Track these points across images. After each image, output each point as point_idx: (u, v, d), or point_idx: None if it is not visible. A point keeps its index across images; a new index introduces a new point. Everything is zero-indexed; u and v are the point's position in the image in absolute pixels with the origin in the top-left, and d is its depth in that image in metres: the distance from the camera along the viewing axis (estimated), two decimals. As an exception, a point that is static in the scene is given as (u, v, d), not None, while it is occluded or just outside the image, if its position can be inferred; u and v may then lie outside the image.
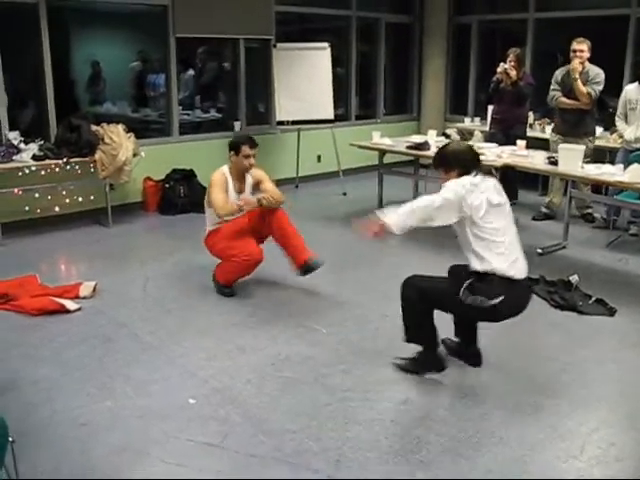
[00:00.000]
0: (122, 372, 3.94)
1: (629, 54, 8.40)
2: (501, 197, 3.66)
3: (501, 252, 3.53)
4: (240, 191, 5.14)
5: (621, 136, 6.84)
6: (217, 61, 9.80)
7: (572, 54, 6.77)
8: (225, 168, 5.14)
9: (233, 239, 4.99)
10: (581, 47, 6.72)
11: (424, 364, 3.86)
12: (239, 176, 5.13)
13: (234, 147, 5.04)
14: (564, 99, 6.91)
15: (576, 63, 6.70)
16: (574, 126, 6.90)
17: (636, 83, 6.59)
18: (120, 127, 7.06)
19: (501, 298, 3.45)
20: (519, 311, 3.67)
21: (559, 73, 7.05)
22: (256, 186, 5.21)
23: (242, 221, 5.07)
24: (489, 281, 3.51)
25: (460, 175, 3.64)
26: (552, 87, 7.07)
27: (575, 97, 6.80)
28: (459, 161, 3.69)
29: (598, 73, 6.78)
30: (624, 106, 6.65)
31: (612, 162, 6.47)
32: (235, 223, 5.05)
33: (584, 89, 6.72)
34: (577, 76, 6.72)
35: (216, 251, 5.14)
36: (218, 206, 4.93)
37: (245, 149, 4.98)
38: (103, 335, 4.43)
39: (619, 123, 6.72)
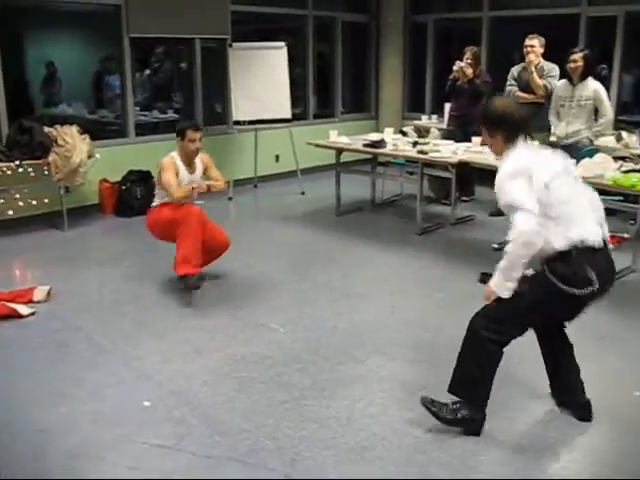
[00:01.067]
0: (77, 376, 3.89)
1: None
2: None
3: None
4: (192, 172, 5.27)
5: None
6: (173, 61, 9.73)
7: (524, 50, 6.94)
8: (174, 153, 5.24)
9: (172, 214, 5.07)
10: (532, 42, 6.92)
11: (463, 422, 3.29)
12: (188, 160, 5.24)
13: (179, 132, 5.19)
14: (521, 93, 7.03)
15: (532, 57, 6.84)
16: (529, 120, 6.99)
17: (564, 80, 6.70)
18: (74, 128, 6.96)
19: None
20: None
21: (515, 69, 7.18)
22: (204, 171, 5.38)
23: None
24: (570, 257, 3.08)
25: (506, 139, 3.27)
26: (508, 83, 7.19)
27: (531, 91, 6.92)
28: (507, 122, 3.28)
29: (553, 67, 6.94)
30: (555, 102, 6.76)
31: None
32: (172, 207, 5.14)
33: (540, 82, 6.85)
34: (533, 69, 6.86)
35: (158, 231, 5.25)
36: (173, 189, 5.02)
37: (190, 133, 5.13)
38: (57, 340, 4.37)
39: (552, 119, 6.83)
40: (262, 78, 8.53)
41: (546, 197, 3.09)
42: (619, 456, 3.16)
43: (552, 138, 6.90)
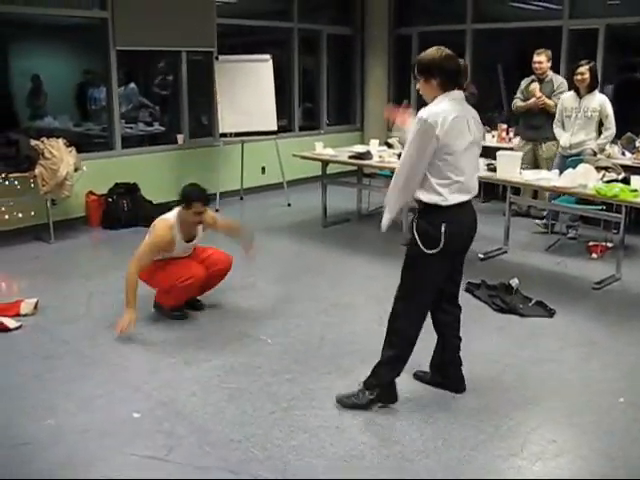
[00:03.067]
0: (64, 389, 3.88)
1: (562, 64, 8.63)
2: None
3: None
4: (189, 239, 4.89)
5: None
6: (159, 74, 9.74)
7: (533, 66, 7.22)
8: (173, 219, 4.76)
9: (171, 266, 4.79)
10: (540, 58, 7.19)
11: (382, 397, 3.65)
12: (190, 228, 4.85)
13: (186, 200, 4.69)
14: (521, 103, 7.39)
15: (536, 91, 7.21)
16: (537, 130, 7.33)
17: (571, 92, 6.80)
18: (61, 141, 6.96)
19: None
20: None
21: (524, 82, 7.50)
22: (209, 227, 5.03)
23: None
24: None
25: (442, 85, 3.44)
26: (516, 95, 7.53)
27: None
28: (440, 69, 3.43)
29: (562, 82, 7.24)
30: (560, 113, 6.87)
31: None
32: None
33: (552, 102, 7.16)
34: (538, 94, 7.22)
35: (156, 283, 4.91)
36: (134, 264, 4.67)
37: (197, 206, 4.67)
38: (45, 352, 4.35)
39: (556, 130, 6.94)
40: (248, 90, 8.57)
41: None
42: (606, 461, 3.19)
43: (557, 149, 7.02)
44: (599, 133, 6.73)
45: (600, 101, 6.64)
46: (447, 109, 3.34)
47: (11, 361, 4.24)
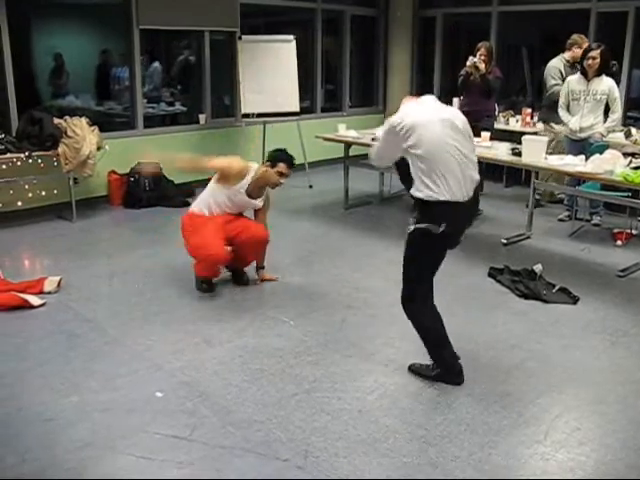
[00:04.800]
0: (87, 367, 3.90)
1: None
2: None
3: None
4: (250, 196, 4.98)
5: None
6: (182, 54, 9.71)
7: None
8: (255, 166, 4.99)
9: (205, 236, 4.83)
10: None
11: (439, 377, 3.77)
12: (262, 186, 5.00)
13: (272, 159, 4.94)
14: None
15: None
16: None
17: (578, 74, 6.68)
18: (84, 120, 6.96)
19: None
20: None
21: (558, 65, 7.13)
22: (264, 204, 5.16)
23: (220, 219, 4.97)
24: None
25: None
26: (554, 82, 7.17)
27: None
28: None
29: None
30: (566, 96, 6.74)
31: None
32: (213, 220, 4.93)
33: None
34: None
35: (189, 244, 4.96)
36: (210, 161, 4.95)
37: (282, 167, 4.88)
38: (68, 330, 4.38)
39: (562, 113, 6.81)
40: (271, 71, 8.53)
41: None
42: (631, 451, 3.16)
43: (565, 132, 6.90)
44: (605, 117, 6.64)
45: (609, 84, 6.54)
46: None
47: (35, 338, 4.27)
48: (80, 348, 4.14)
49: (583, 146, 6.43)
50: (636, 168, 5.54)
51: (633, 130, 7.49)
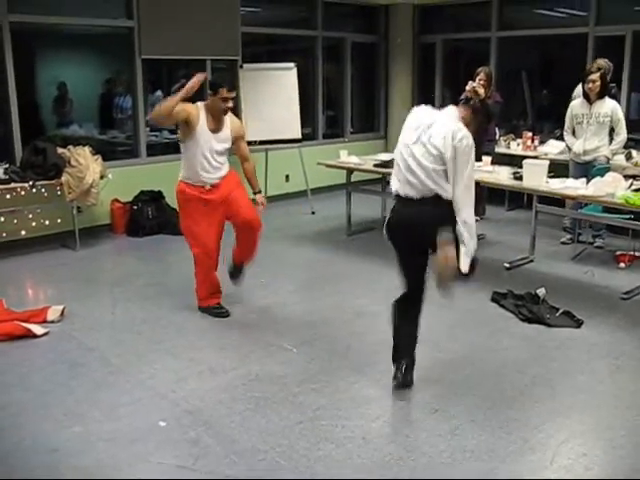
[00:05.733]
0: (91, 396, 3.89)
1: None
2: None
3: None
4: (215, 130, 4.98)
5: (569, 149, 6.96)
6: (184, 82, 9.77)
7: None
8: (200, 104, 4.96)
9: (197, 223, 4.97)
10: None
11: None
12: (216, 116, 4.95)
13: (213, 87, 4.91)
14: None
15: None
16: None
17: (581, 98, 6.73)
18: (87, 149, 7.02)
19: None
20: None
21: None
22: (235, 136, 5.19)
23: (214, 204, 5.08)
24: None
25: None
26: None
27: None
28: None
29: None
30: (571, 120, 6.79)
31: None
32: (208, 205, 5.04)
33: None
34: None
35: (182, 224, 5.11)
36: (160, 105, 4.83)
37: (223, 91, 4.85)
38: (71, 359, 4.38)
39: (567, 137, 6.88)
40: (272, 98, 8.60)
41: None
42: (638, 477, 3.13)
43: (570, 156, 6.92)
44: (610, 139, 6.67)
45: (611, 106, 6.57)
46: None
47: (38, 368, 4.26)
48: (83, 377, 4.13)
49: (587, 169, 6.44)
50: (637, 190, 5.55)
51: (634, 152, 7.51)
